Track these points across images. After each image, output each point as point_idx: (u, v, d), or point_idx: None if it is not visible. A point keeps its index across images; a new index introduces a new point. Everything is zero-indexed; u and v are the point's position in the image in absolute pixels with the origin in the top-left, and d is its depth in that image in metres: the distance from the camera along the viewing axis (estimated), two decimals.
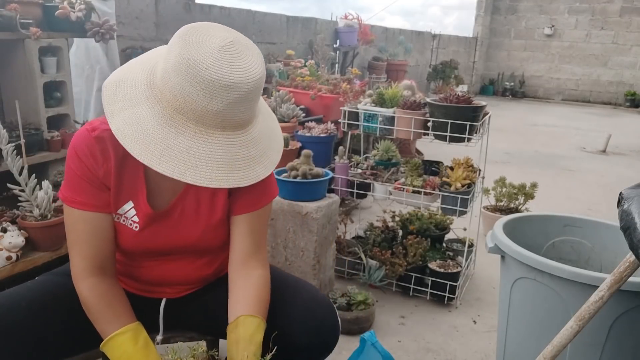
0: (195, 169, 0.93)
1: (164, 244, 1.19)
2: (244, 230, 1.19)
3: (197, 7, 4.10)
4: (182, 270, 1.25)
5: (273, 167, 1.04)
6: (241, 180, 0.97)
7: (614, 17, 11.19)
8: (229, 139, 0.96)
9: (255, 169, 0.99)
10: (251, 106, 0.98)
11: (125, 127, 0.94)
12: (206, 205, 1.18)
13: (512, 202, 3.23)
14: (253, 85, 0.95)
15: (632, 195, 1.04)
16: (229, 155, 0.96)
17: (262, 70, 0.98)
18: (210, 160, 0.94)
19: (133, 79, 1.01)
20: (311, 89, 3.42)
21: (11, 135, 1.87)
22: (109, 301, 1.09)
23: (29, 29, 2.20)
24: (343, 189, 2.45)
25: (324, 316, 1.20)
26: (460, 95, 2.23)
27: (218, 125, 0.95)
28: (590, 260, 1.66)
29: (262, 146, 1.02)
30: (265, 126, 1.06)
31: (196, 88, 0.91)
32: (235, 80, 0.92)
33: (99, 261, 1.10)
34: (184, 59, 0.92)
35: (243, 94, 0.94)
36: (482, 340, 2.08)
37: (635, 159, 5.98)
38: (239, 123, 0.97)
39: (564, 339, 1.13)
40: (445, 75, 8.33)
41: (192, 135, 0.94)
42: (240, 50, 0.96)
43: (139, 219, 1.14)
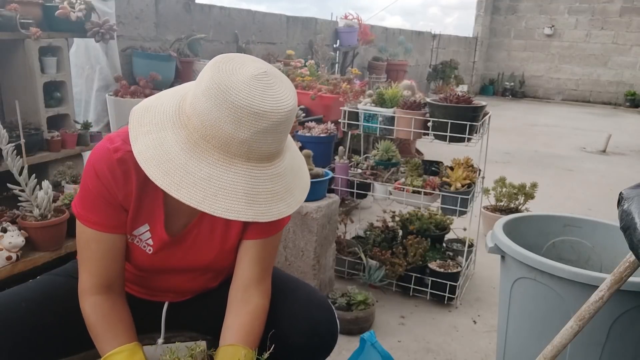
0: (215, 197, 0.90)
1: (176, 265, 1.18)
2: (251, 257, 1.16)
3: (197, 7, 4.10)
4: (189, 283, 1.26)
5: (297, 206, 1.00)
6: (261, 215, 0.93)
7: (614, 17, 11.18)
8: (254, 171, 0.93)
9: (278, 205, 0.96)
10: (279, 138, 0.95)
11: (148, 151, 0.92)
12: (220, 232, 1.16)
13: (512, 202, 3.23)
14: (284, 116, 0.92)
15: (632, 195, 1.04)
16: (251, 187, 0.92)
17: (294, 104, 0.95)
18: (231, 190, 0.91)
19: (162, 105, 0.99)
20: (311, 89, 3.42)
21: (11, 135, 1.87)
22: (110, 320, 1.08)
23: (29, 29, 2.20)
24: (343, 189, 2.45)
25: (321, 317, 1.20)
26: (460, 95, 2.23)
27: (243, 155, 0.92)
28: (590, 260, 1.66)
29: (287, 182, 0.99)
30: (293, 163, 1.03)
31: (224, 113, 0.89)
32: (265, 108, 0.89)
33: (106, 280, 1.10)
34: (215, 84, 0.90)
35: (272, 124, 0.90)
36: (482, 340, 2.08)
37: (635, 159, 5.98)
38: (265, 155, 0.94)
39: (564, 339, 1.13)
40: (445, 75, 8.33)
41: (215, 163, 0.91)
42: (274, 82, 0.93)
43: (153, 243, 1.13)
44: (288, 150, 1.03)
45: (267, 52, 4.78)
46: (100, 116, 3.15)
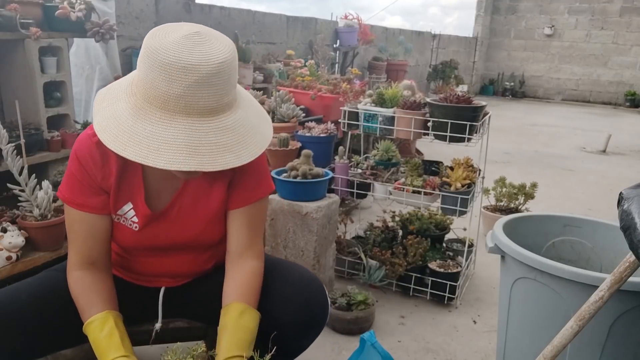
0: (157, 152, 0.95)
1: (164, 241, 1.23)
2: (239, 224, 1.22)
3: (197, 7, 4.10)
4: (182, 265, 1.30)
5: (249, 159, 1.03)
6: (205, 165, 0.96)
7: (614, 17, 11.18)
8: (195, 125, 0.97)
9: (224, 156, 0.99)
10: (216, 92, 0.98)
11: (103, 121, 1.00)
12: (203, 204, 1.21)
13: (512, 202, 3.23)
14: (214, 69, 0.95)
15: (632, 195, 1.04)
16: (192, 140, 0.96)
17: (227, 57, 0.98)
18: (172, 144, 0.95)
19: (120, 82, 1.07)
20: (311, 89, 3.42)
21: (11, 135, 1.87)
22: (89, 292, 1.15)
23: (29, 29, 2.20)
24: (343, 189, 2.45)
25: (311, 293, 1.25)
26: (460, 95, 2.23)
27: (182, 110, 0.96)
28: (590, 260, 1.66)
29: (236, 136, 1.02)
30: (247, 120, 1.06)
31: (157, 73, 0.95)
32: (193, 62, 0.94)
33: (91, 258, 1.18)
34: (148, 48, 0.96)
35: (202, 77, 0.94)
36: (482, 340, 2.08)
37: (635, 159, 5.98)
38: (206, 109, 0.98)
39: (564, 339, 1.13)
40: (445, 75, 8.33)
41: (157, 122, 0.96)
42: (206, 40, 0.98)
43: (138, 220, 1.19)
44: (241, 108, 1.06)
45: (267, 52, 4.78)
46: None
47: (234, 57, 1.01)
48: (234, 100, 1.04)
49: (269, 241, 2.12)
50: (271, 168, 2.43)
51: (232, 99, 1.03)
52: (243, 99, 1.10)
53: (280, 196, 2.09)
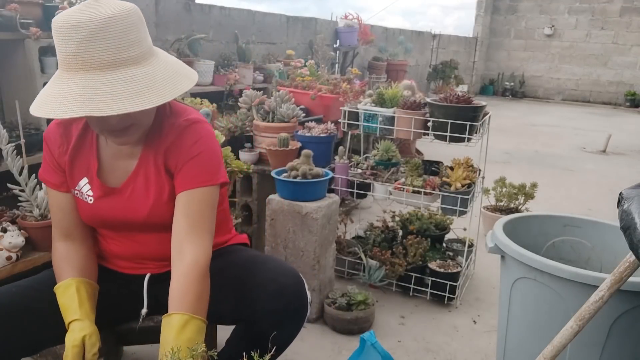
0: (58, 105, 1.02)
1: (117, 217, 1.28)
2: (180, 210, 1.23)
3: (197, 7, 4.10)
4: (154, 246, 1.33)
5: (148, 106, 1.05)
6: (97, 111, 1.01)
7: (614, 17, 11.18)
8: (93, 78, 1.02)
9: (121, 103, 1.02)
10: (109, 45, 1.02)
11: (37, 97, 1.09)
12: (155, 185, 1.26)
13: (512, 202, 3.23)
14: (101, 23, 1.01)
15: (632, 195, 1.04)
16: (87, 90, 1.01)
17: (117, 12, 1.04)
18: (70, 97, 1.02)
19: None
20: (311, 89, 3.42)
21: (11, 135, 1.87)
22: (60, 262, 1.28)
23: (29, 29, 2.20)
24: (343, 189, 2.45)
25: (286, 281, 1.27)
26: (460, 95, 2.23)
27: (81, 67, 1.02)
28: (590, 260, 1.66)
29: (136, 87, 1.05)
30: (156, 74, 1.10)
31: (56, 37, 1.03)
32: (80, 19, 1.00)
33: (66, 230, 1.31)
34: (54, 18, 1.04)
35: (91, 31, 1.00)
36: (482, 340, 2.08)
37: (635, 159, 5.98)
38: (102, 63, 1.03)
39: (564, 339, 1.13)
40: (445, 75, 8.32)
41: (62, 81, 1.04)
42: (102, 3, 1.05)
43: (93, 193, 1.27)
44: (150, 66, 1.10)
45: (267, 52, 4.78)
46: None
47: (128, 15, 1.05)
48: (140, 58, 1.08)
49: (269, 241, 2.12)
50: (271, 168, 2.43)
51: (135, 56, 1.07)
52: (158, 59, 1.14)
53: (280, 196, 2.09)
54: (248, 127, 2.79)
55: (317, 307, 2.13)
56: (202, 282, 1.18)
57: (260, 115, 2.78)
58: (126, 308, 1.37)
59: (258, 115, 2.78)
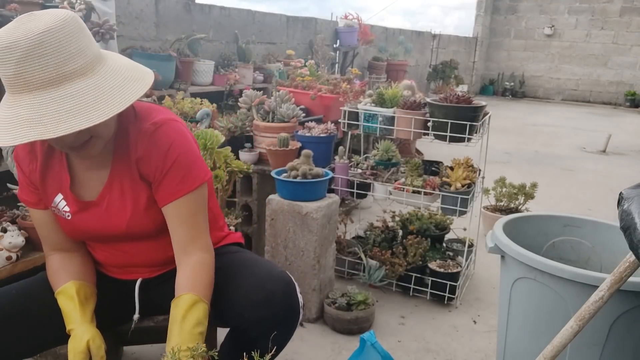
0: (6, 132, 0.97)
1: (97, 230, 1.26)
2: (174, 220, 1.22)
3: (197, 7, 4.10)
4: (144, 253, 1.32)
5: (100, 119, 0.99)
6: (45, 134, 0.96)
7: (614, 17, 11.18)
8: (37, 98, 0.97)
9: (69, 121, 0.97)
10: (48, 62, 0.96)
11: None
12: (130, 196, 1.23)
13: (512, 202, 3.23)
14: (34, 40, 0.94)
15: (632, 195, 1.04)
16: (33, 112, 0.96)
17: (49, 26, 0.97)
18: (15, 122, 0.97)
19: None
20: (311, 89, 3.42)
21: None
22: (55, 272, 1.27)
23: None
24: (343, 189, 2.44)
25: (274, 288, 1.23)
26: (460, 95, 2.23)
27: (24, 89, 0.97)
28: (590, 260, 1.66)
29: (85, 100, 0.99)
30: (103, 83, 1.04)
31: None
32: (12, 39, 0.94)
33: (54, 244, 1.30)
34: None
35: (25, 51, 0.94)
36: (482, 340, 2.08)
37: (635, 159, 5.98)
38: (45, 81, 0.97)
39: (564, 339, 1.13)
40: (445, 75, 8.31)
41: (6, 106, 0.99)
42: (34, 18, 0.99)
43: (69, 208, 1.24)
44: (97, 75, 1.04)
45: (267, 52, 4.78)
46: None
47: (62, 26, 0.99)
48: (85, 69, 1.02)
49: (269, 241, 2.12)
50: (271, 168, 2.43)
51: (79, 68, 1.01)
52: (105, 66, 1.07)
53: (280, 196, 2.09)
54: (248, 127, 2.79)
55: (317, 307, 2.13)
56: (209, 273, 1.22)
57: (260, 115, 2.78)
58: (119, 311, 1.36)
59: (258, 115, 2.78)
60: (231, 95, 3.69)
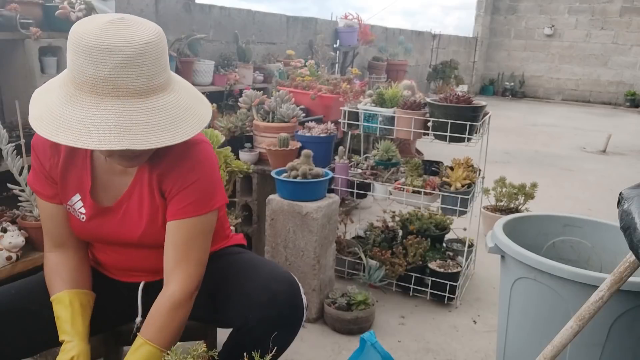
0: (88, 134, 0.95)
1: (110, 236, 1.25)
2: (170, 240, 1.20)
3: (197, 7, 4.10)
4: (150, 260, 1.30)
5: (183, 138, 1.03)
6: (137, 144, 0.97)
7: (614, 17, 11.18)
8: (125, 106, 0.98)
9: (157, 135, 0.99)
10: (144, 72, 0.98)
11: (37, 112, 1.02)
12: (148, 207, 1.21)
13: (512, 202, 3.23)
14: (139, 49, 0.96)
15: (632, 195, 1.04)
16: (123, 120, 0.97)
17: (152, 38, 1.00)
18: (102, 126, 0.96)
19: (56, 77, 1.09)
20: (311, 89, 3.42)
21: (11, 135, 1.87)
22: (52, 274, 1.24)
23: (29, 29, 2.20)
24: (343, 189, 2.45)
25: (279, 288, 1.22)
26: (460, 95, 2.23)
27: (112, 93, 0.97)
28: (590, 260, 1.66)
29: (170, 116, 1.02)
30: (182, 102, 1.07)
31: (82, 57, 0.95)
32: (116, 43, 0.95)
33: (56, 239, 1.26)
34: (73, 35, 0.98)
35: (127, 58, 0.95)
36: (482, 340, 2.08)
37: (635, 159, 5.98)
38: (136, 90, 0.98)
39: (564, 339, 1.13)
40: (445, 75, 8.32)
41: (87, 106, 0.97)
42: (131, 24, 1.00)
43: (85, 211, 1.23)
44: (175, 92, 1.07)
45: (267, 52, 4.78)
46: None
47: (160, 40, 1.02)
48: (166, 84, 1.04)
49: (269, 241, 2.12)
50: (271, 168, 2.43)
51: (163, 82, 1.03)
52: (178, 83, 1.11)
53: (280, 196, 2.09)
54: (248, 127, 2.79)
55: (317, 307, 2.13)
56: (170, 314, 1.17)
57: (260, 115, 2.78)
58: (121, 313, 1.35)
59: (258, 115, 2.78)
60: (231, 95, 3.69)
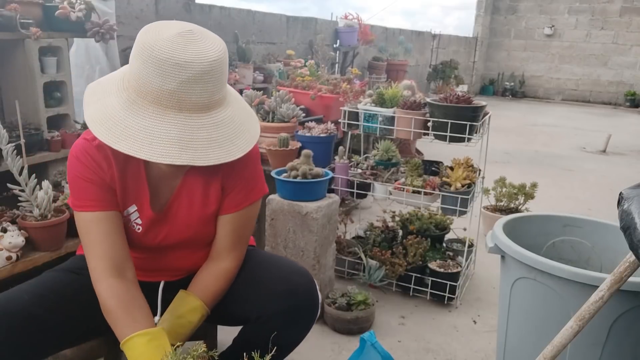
0: (150, 146, 0.97)
1: (162, 241, 1.26)
2: (227, 230, 1.26)
3: (197, 7, 4.10)
4: (178, 261, 1.32)
5: (239, 154, 1.06)
6: (197, 160, 0.99)
7: (614, 17, 11.18)
8: (187, 120, 0.99)
9: (216, 151, 1.02)
10: (209, 89, 1.00)
11: (95, 114, 1.02)
12: (198, 205, 1.24)
13: (512, 202, 3.23)
14: (207, 66, 0.98)
15: (632, 195, 1.04)
16: (185, 135, 0.99)
17: (219, 55, 1.01)
18: (165, 138, 0.97)
19: (111, 77, 1.09)
20: (311, 89, 3.42)
21: (11, 135, 1.87)
22: (128, 304, 1.11)
23: (29, 29, 2.20)
24: (343, 189, 2.44)
25: (299, 280, 1.27)
26: (460, 95, 2.23)
27: (175, 106, 0.98)
28: (590, 260, 1.66)
29: (227, 132, 1.04)
30: (236, 117, 1.09)
31: (151, 68, 0.97)
32: (187, 59, 0.96)
33: (115, 261, 1.14)
34: (142, 44, 0.98)
35: (196, 74, 0.97)
36: (482, 340, 2.08)
37: (635, 159, 5.98)
38: (198, 105, 1.00)
39: (564, 339, 1.13)
40: (445, 75, 8.32)
41: (150, 116, 0.98)
42: (199, 38, 1.00)
43: (142, 221, 1.21)
44: (230, 106, 1.09)
45: (267, 52, 4.78)
46: None
47: (226, 56, 1.04)
48: (224, 98, 1.07)
49: (269, 241, 2.12)
50: (271, 168, 2.43)
51: (223, 97, 1.05)
52: (232, 96, 1.13)
53: (280, 196, 2.09)
54: None
55: None
56: (225, 285, 1.26)
57: (260, 115, 2.78)
58: None
59: (258, 115, 2.78)
60: None
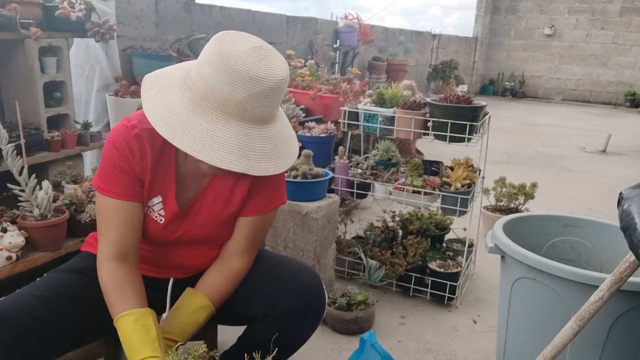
0: (211, 149, 1.01)
1: (182, 235, 1.28)
2: (243, 233, 1.30)
3: (197, 7, 4.10)
4: (191, 258, 1.34)
5: (284, 168, 1.11)
6: (251, 169, 1.04)
7: (614, 17, 11.18)
8: (247, 130, 1.04)
9: (266, 163, 1.07)
10: (271, 104, 1.06)
11: (156, 108, 1.05)
12: (221, 204, 1.27)
13: (512, 202, 3.23)
14: (276, 83, 1.04)
15: (632, 195, 1.04)
16: (244, 144, 1.04)
17: (287, 75, 1.08)
18: (225, 144, 1.02)
19: (170, 72, 1.12)
20: (311, 89, 3.42)
21: (11, 135, 1.87)
22: (122, 285, 1.16)
23: (29, 29, 2.20)
24: (343, 189, 2.45)
25: (308, 279, 1.31)
26: (460, 95, 2.23)
27: (238, 115, 1.03)
28: (590, 260, 1.66)
29: (276, 146, 1.10)
30: (283, 131, 1.15)
31: (224, 77, 1.01)
32: (260, 74, 1.02)
33: (122, 248, 1.19)
34: (218, 52, 1.02)
35: (265, 89, 1.02)
36: (482, 340, 2.08)
37: (635, 159, 5.98)
38: (258, 118, 1.05)
39: (564, 339, 1.13)
40: (445, 75, 8.32)
41: (213, 120, 1.02)
42: (269, 55, 1.07)
43: (165, 213, 1.24)
44: (279, 121, 1.15)
45: None
46: (100, 116, 3.15)
47: (289, 76, 1.10)
48: (277, 113, 1.13)
49: (269, 241, 2.12)
50: None
51: (276, 112, 1.12)
52: (280, 113, 1.18)
53: None
54: None
55: None
56: (233, 286, 1.29)
57: None
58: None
59: None
60: None
